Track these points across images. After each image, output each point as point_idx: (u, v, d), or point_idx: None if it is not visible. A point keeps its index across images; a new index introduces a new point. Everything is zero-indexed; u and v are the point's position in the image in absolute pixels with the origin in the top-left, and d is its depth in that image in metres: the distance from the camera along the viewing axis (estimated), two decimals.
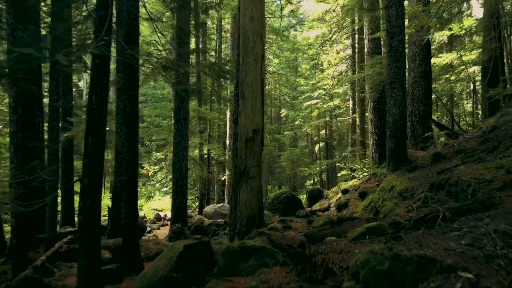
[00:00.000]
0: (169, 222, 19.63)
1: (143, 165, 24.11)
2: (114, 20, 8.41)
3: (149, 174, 22.46)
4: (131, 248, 7.36)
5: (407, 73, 15.56)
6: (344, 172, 15.31)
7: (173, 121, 11.15)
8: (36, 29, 8.26)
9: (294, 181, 29.37)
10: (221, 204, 14.88)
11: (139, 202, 21.51)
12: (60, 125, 12.90)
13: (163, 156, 20.68)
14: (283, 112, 30.57)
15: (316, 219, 7.99)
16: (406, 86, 7.62)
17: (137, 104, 7.46)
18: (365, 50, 11.93)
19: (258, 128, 7.29)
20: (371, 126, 11.80)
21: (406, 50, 14.39)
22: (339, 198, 10.98)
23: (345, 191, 10.82)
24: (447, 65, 15.71)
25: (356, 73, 19.28)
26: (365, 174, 11.80)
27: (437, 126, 10.21)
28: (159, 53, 7.52)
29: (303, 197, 27.51)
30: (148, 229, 14.75)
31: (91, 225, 6.08)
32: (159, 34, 6.90)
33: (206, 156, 16.72)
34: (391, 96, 7.17)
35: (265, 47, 21.77)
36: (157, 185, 22.60)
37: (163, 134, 13.97)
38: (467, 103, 21.57)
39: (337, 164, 19.31)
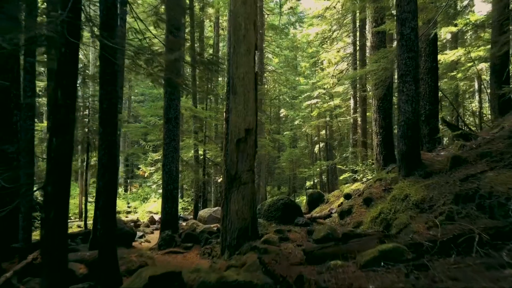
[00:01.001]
0: None
1: (139, 166, 23.20)
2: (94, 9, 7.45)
3: (145, 175, 21.56)
4: (108, 263, 6.41)
5: None
6: (346, 175, 14.37)
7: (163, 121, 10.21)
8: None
9: (293, 182, 28.44)
10: (216, 208, 13.93)
11: (134, 204, 20.60)
12: (45, 124, 12.00)
13: (160, 157, 19.78)
14: (283, 112, 29.62)
15: (316, 228, 7.04)
16: (420, 79, 6.65)
17: (116, 101, 6.50)
18: (369, 45, 10.96)
19: (251, 127, 6.34)
20: (375, 126, 10.85)
21: None
22: (342, 203, 10.02)
23: (347, 196, 9.86)
24: (453, 62, 14.76)
25: (356, 77, 18.32)
26: (369, 177, 10.85)
27: (448, 126, 9.26)
28: (140, 43, 6.58)
29: (303, 199, 26.59)
30: (141, 233, 13.84)
31: (55, 240, 5.13)
32: (138, 21, 5.96)
33: (202, 157, 15.77)
34: (402, 91, 6.18)
35: (264, 45, 20.84)
36: (154, 186, 21.70)
37: (154, 134, 12.99)
38: (471, 103, 20.57)
39: (339, 166, 18.35)
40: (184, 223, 15.70)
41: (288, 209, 8.05)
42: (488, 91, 17.56)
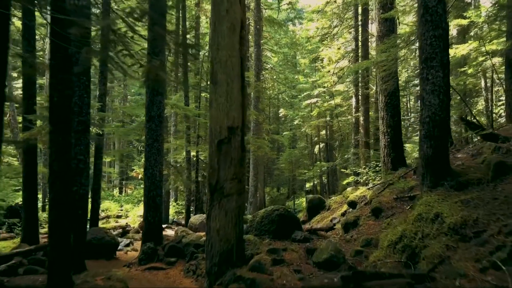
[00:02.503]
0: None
1: (133, 168, 21.91)
2: None
3: (139, 177, 20.22)
4: None
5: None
6: (349, 179, 13.03)
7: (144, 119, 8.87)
8: None
9: (293, 184, 27.08)
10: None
11: (126, 207, 19.26)
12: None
13: None
14: (282, 112, 28.25)
15: (318, 247, 5.70)
16: (449, 64, 5.27)
17: (71, 92, 5.19)
18: (376, 34, 9.61)
19: (236, 125, 4.96)
20: (382, 125, 9.50)
21: None
22: (345, 212, 8.68)
23: (352, 204, 8.52)
24: (463, 57, 13.40)
25: (360, 69, 17.00)
26: (375, 182, 9.49)
27: (467, 124, 7.90)
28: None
29: (303, 201, 25.22)
30: (128, 241, 12.56)
31: None
32: None
33: (195, 159, 14.43)
34: (427, 79, 4.80)
35: (262, 41, 19.46)
36: None
37: (136, 134, 11.57)
38: (477, 101, 19.16)
39: (341, 170, 17.00)
40: (176, 228, 14.38)
41: (285, 222, 6.70)
42: (500, 87, 16.18)
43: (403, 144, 9.56)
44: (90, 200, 11.87)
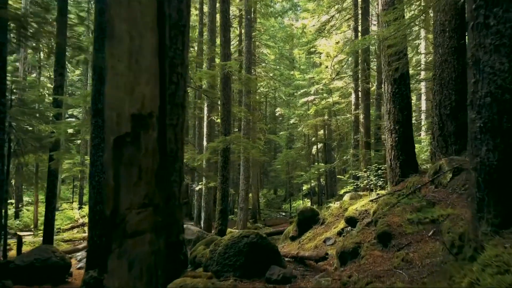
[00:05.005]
0: None
1: None
2: None
3: None
4: None
5: (432, 51, 11.13)
6: (348, 187, 10.96)
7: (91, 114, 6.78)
8: None
9: (290, 186, 24.97)
10: (185, 225, 10.48)
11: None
12: None
13: None
14: (279, 111, 26.13)
15: None
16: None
17: None
18: (380, 8, 7.47)
19: (148, 111, 2.76)
20: (388, 121, 7.38)
21: (431, 21, 10.02)
22: (342, 230, 6.58)
23: (351, 221, 6.42)
24: None
25: (360, 62, 14.91)
26: (380, 192, 7.37)
27: None
28: None
29: (300, 203, 23.09)
30: None
31: None
32: None
33: None
34: (486, 27, 2.36)
35: (253, 34, 17.37)
36: None
37: (86, 131, 9.32)
38: None
39: (338, 176, 14.87)
40: None
41: (257, 253, 4.61)
42: None
43: (414, 145, 7.45)
44: (44, 211, 9.93)
